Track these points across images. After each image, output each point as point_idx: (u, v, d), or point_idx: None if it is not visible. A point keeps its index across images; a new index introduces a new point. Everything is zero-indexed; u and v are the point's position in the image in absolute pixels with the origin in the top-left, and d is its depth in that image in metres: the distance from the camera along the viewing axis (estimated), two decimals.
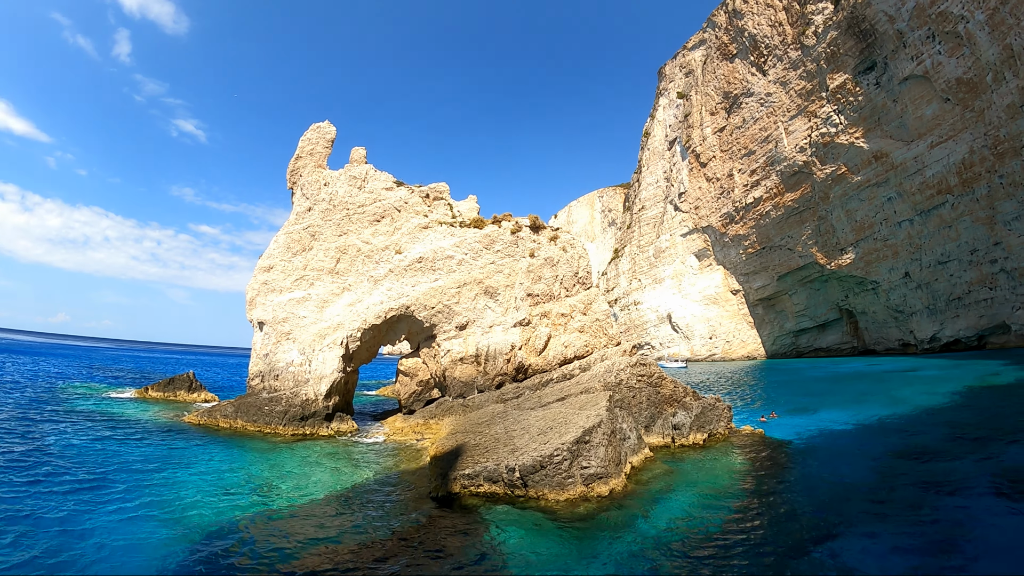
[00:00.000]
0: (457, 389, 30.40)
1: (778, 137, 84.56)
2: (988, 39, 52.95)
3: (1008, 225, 57.34)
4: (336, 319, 32.18)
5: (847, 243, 78.09)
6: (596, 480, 16.50)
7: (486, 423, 22.85)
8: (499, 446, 18.97)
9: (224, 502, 16.09)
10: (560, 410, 21.67)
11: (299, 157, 37.90)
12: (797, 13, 76.06)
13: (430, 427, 28.19)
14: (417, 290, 32.15)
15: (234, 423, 28.70)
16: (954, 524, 13.40)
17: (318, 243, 34.71)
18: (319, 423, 28.53)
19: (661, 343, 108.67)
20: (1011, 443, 20.61)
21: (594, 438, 17.53)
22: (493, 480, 16.87)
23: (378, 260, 33.70)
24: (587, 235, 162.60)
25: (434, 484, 17.43)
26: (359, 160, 37.55)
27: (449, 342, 31.23)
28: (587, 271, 34.59)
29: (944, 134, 61.65)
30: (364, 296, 32.81)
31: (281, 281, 34.01)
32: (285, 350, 31.75)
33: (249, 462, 21.44)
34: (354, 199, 35.43)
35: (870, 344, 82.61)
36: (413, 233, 34.12)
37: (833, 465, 20.11)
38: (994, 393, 33.40)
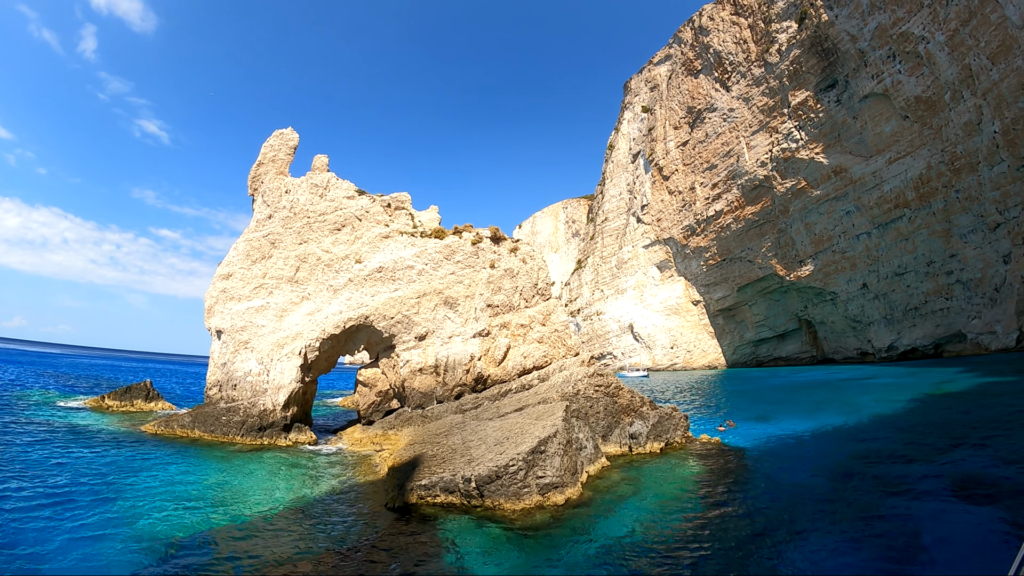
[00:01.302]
0: (416, 400, 30.05)
1: (740, 152, 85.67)
2: (948, 59, 54.51)
3: (964, 238, 58.94)
4: (295, 328, 31.66)
5: (806, 255, 79.32)
6: (552, 489, 16.54)
7: (444, 434, 22.81)
8: (456, 457, 18.99)
9: (180, 514, 15.82)
10: (517, 420, 21.65)
11: (261, 163, 37.19)
12: (762, 31, 77.40)
13: (389, 438, 28.00)
14: (377, 300, 31.79)
15: (191, 433, 28.23)
16: (907, 527, 13.59)
17: (278, 251, 34.15)
18: (277, 434, 28.18)
19: (623, 353, 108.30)
20: (963, 448, 20.95)
21: (549, 448, 17.60)
22: (449, 491, 16.83)
23: (338, 269, 33.29)
24: (551, 246, 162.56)
25: (391, 495, 17.36)
26: (321, 168, 37.12)
27: (408, 352, 30.87)
28: (547, 282, 34.42)
29: (902, 150, 63.21)
30: (323, 305, 32.40)
31: (240, 289, 33.46)
32: (243, 359, 31.23)
33: (205, 473, 21.09)
34: (315, 207, 34.99)
35: (829, 353, 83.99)
36: (374, 242, 33.78)
37: (789, 471, 20.26)
38: (948, 400, 33.78)
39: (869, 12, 60.90)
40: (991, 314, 56.72)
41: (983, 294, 57.63)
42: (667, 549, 13.14)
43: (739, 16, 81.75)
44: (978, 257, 57.63)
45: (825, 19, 66.06)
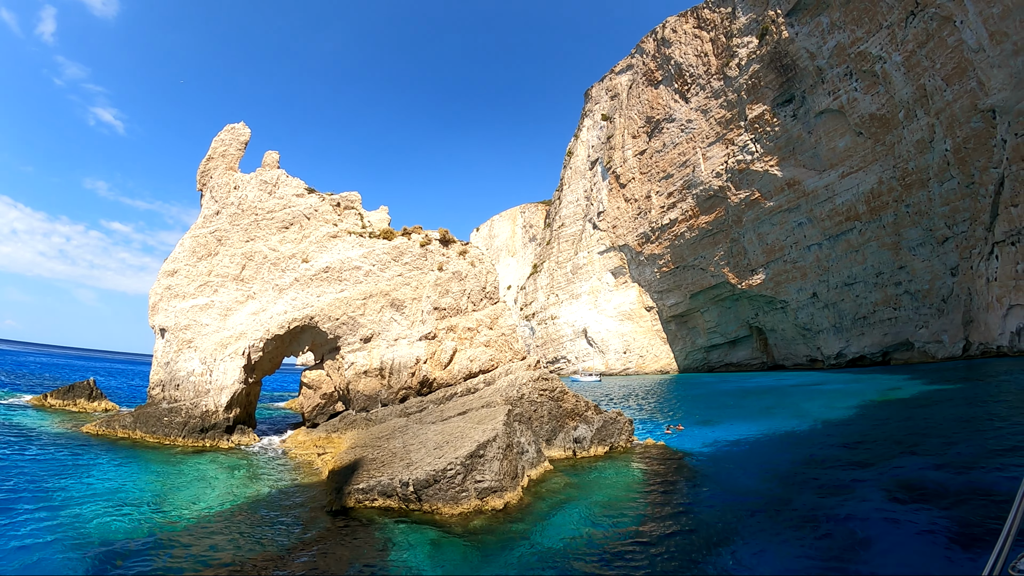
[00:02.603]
0: (361, 403, 29.39)
1: (696, 162, 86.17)
2: (903, 79, 55.82)
3: (913, 251, 60.57)
4: (239, 328, 30.72)
5: (758, 264, 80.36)
6: (490, 494, 16.29)
7: (386, 437, 22.48)
8: (395, 460, 18.76)
9: (118, 518, 15.38)
10: (459, 424, 21.43)
11: (211, 158, 36.06)
12: (723, 45, 78.00)
13: (332, 441, 27.28)
14: (322, 300, 31.06)
15: (133, 434, 27.33)
16: (848, 531, 13.55)
17: (224, 248, 33.18)
18: (219, 435, 27.41)
19: (577, 357, 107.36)
20: (906, 454, 20.99)
21: (488, 452, 17.38)
22: (387, 494, 16.62)
23: (284, 268, 32.40)
24: (508, 250, 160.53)
25: (329, 498, 17.14)
26: (272, 164, 36.02)
27: (353, 355, 30.19)
28: (495, 286, 33.91)
29: (855, 165, 64.58)
30: (268, 305, 31.53)
31: (185, 286, 32.43)
32: (186, 359, 30.27)
33: (146, 475, 20.53)
34: (264, 204, 34.06)
35: (779, 360, 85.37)
36: (321, 242, 33.02)
37: (733, 475, 20.15)
38: (894, 406, 33.85)
39: (829, 31, 61.93)
40: (938, 324, 58.41)
41: (930, 305, 59.31)
42: (605, 553, 12.95)
43: (702, 29, 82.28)
44: (926, 269, 59.28)
45: (786, 36, 66.91)
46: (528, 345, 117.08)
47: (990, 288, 50.93)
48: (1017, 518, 2.95)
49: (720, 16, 77.93)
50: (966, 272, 54.46)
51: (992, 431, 23.42)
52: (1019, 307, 48.01)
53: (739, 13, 74.21)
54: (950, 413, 28.85)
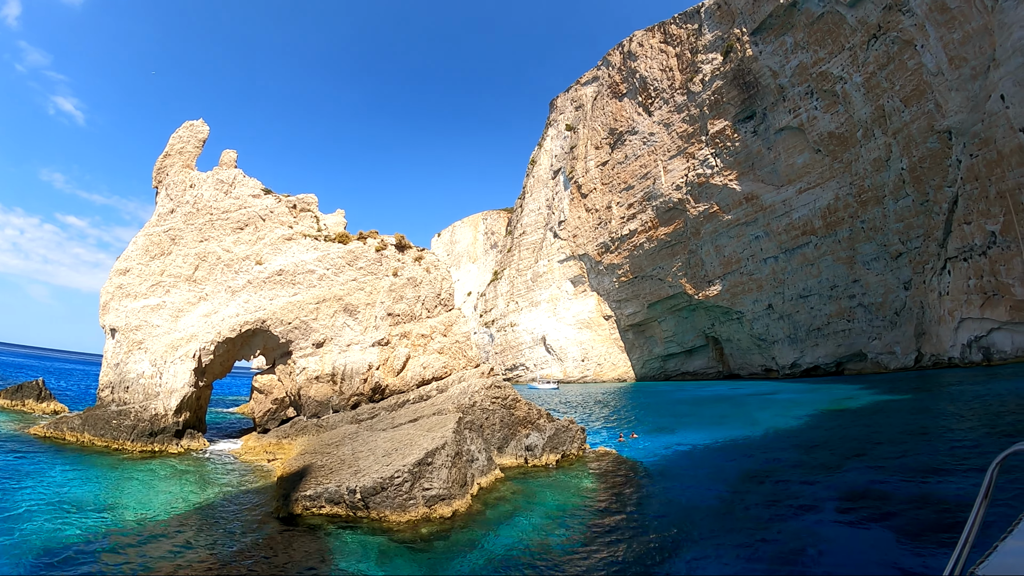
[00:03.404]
0: (312, 408, 28.72)
1: (657, 174, 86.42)
2: (863, 99, 56.98)
3: (867, 265, 61.77)
4: (190, 330, 29.89)
5: (715, 276, 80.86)
6: (439, 501, 16.15)
7: (336, 444, 22.24)
8: (344, 467, 18.56)
9: (64, 523, 15.11)
10: (409, 432, 21.19)
11: (168, 155, 35.08)
12: (688, 61, 78.50)
13: (283, 447, 26.73)
14: (275, 304, 30.35)
15: (82, 437, 26.38)
16: (799, 537, 13.58)
17: (178, 248, 32.35)
18: (169, 440, 26.65)
19: (535, 364, 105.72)
20: (856, 462, 21.05)
21: (437, 460, 17.22)
22: (335, 501, 16.37)
23: (238, 270, 31.64)
24: (469, 256, 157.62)
25: (277, 505, 16.87)
26: (229, 164, 35.24)
27: (305, 359, 29.54)
28: (450, 293, 33.55)
29: (812, 181, 65.65)
30: (220, 307, 30.71)
31: (137, 286, 31.37)
32: (136, 360, 29.22)
33: (93, 480, 19.97)
34: (219, 204, 33.30)
35: (734, 369, 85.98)
36: (276, 244, 32.31)
37: (685, 483, 20.02)
38: (845, 416, 33.97)
39: (792, 51, 62.86)
40: (891, 336, 59.58)
41: (883, 317, 60.50)
42: (554, 560, 12.80)
43: (668, 44, 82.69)
44: (880, 283, 60.49)
45: (750, 54, 67.65)
46: (487, 352, 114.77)
47: (942, 302, 52.11)
48: (976, 523, 3.07)
49: (687, 32, 78.50)
50: (919, 286, 55.71)
51: (942, 441, 23.50)
52: (970, 320, 49.18)
53: (705, 30, 74.83)
54: (901, 423, 28.97)
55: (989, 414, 29.19)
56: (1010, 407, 30.22)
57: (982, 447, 21.56)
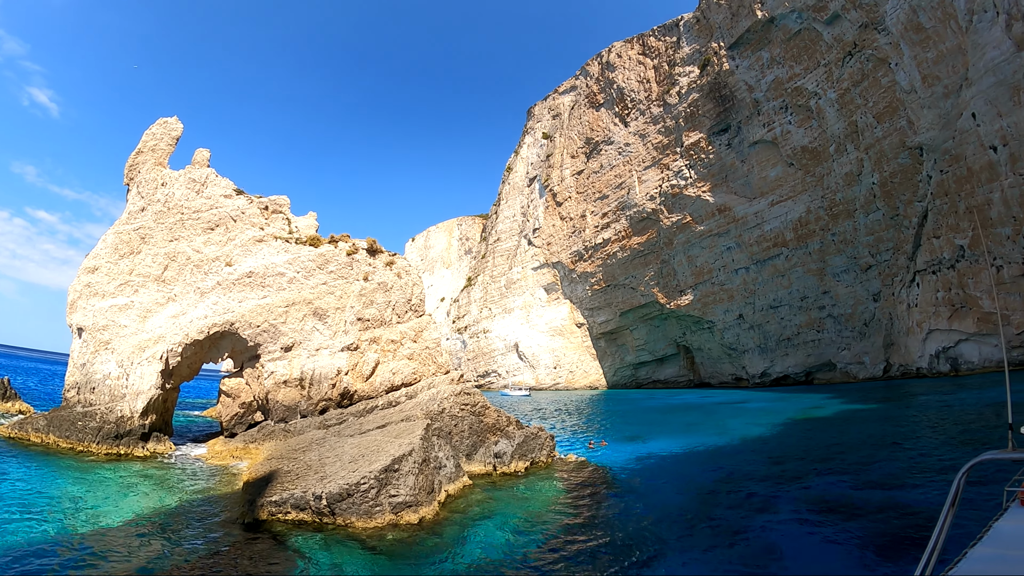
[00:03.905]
0: (280, 413, 28.05)
1: (631, 184, 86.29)
2: (836, 115, 57.59)
3: (837, 277, 62.31)
4: (158, 331, 29.11)
5: (687, 285, 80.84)
6: (405, 508, 15.99)
7: (303, 449, 21.85)
8: (310, 473, 18.22)
9: (25, 525, 14.85)
10: (376, 438, 20.90)
11: (140, 152, 34.22)
12: (665, 73, 78.66)
13: (250, 451, 26.16)
14: (244, 306, 29.65)
15: (47, 438, 25.88)
16: (767, 543, 13.57)
17: (147, 247, 31.59)
18: (135, 442, 25.95)
19: (508, 371, 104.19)
20: (826, 470, 21.07)
21: (403, 467, 17.03)
22: (300, 507, 16.11)
23: (207, 271, 31.04)
24: (443, 261, 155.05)
25: (242, 510, 16.48)
26: (202, 163, 34.61)
27: (273, 363, 28.81)
28: (420, 298, 33.16)
29: (785, 194, 66.10)
30: (189, 308, 30.05)
31: (105, 285, 30.49)
32: (103, 361, 28.44)
33: (57, 482, 19.53)
34: (190, 203, 32.70)
35: (705, 377, 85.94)
36: (246, 246, 31.72)
37: (654, 491, 19.89)
38: (814, 424, 34.17)
39: (768, 66, 63.34)
40: (860, 346, 60.08)
41: (853, 328, 61.01)
42: (521, 568, 12.69)
43: (646, 56, 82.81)
44: (849, 295, 61.03)
45: (726, 68, 67.99)
46: (459, 359, 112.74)
47: (911, 313, 52.68)
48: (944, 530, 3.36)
49: (665, 45, 78.73)
50: (888, 298, 56.30)
51: (910, 450, 23.48)
52: (938, 332, 49.75)
53: (683, 43, 75.12)
54: (869, 432, 29.03)
55: (956, 424, 29.19)
56: (977, 417, 29.98)
57: (949, 456, 21.57)
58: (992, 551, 3.91)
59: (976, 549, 3.94)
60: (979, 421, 28.62)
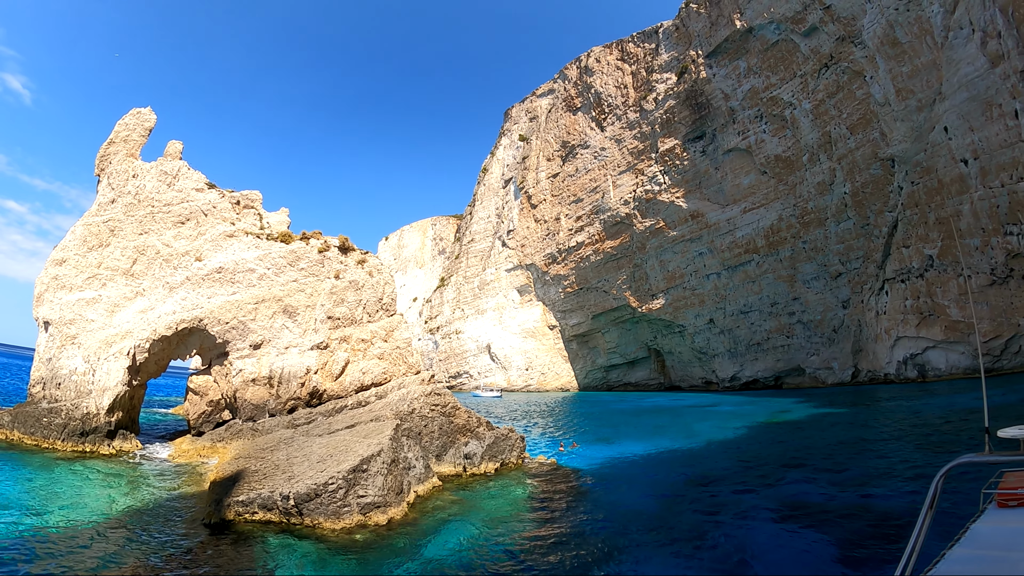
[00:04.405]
0: (248, 412, 27.28)
1: (606, 189, 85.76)
2: (811, 125, 57.85)
3: (807, 284, 62.66)
4: (125, 326, 28.27)
5: (658, 290, 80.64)
6: (374, 509, 15.68)
7: (271, 448, 21.44)
8: (278, 473, 17.81)
9: None
10: (345, 438, 20.57)
11: (112, 142, 33.21)
12: (643, 79, 78.23)
13: (217, 450, 25.57)
14: (213, 302, 29.00)
15: (11, 434, 25.48)
16: (735, 546, 13.43)
17: (116, 240, 30.64)
18: (100, 440, 25.33)
19: (480, 372, 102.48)
20: (793, 473, 21.00)
21: (372, 467, 16.70)
22: (268, 508, 15.70)
23: (176, 265, 30.27)
24: (416, 261, 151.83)
25: (208, 511, 16.02)
26: (174, 155, 33.81)
27: (242, 361, 28.14)
28: (392, 298, 32.47)
29: (757, 201, 66.23)
30: (157, 303, 29.28)
31: (73, 278, 29.57)
32: (69, 356, 27.57)
33: (20, 480, 19.00)
34: (161, 196, 31.88)
35: (676, 381, 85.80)
36: (217, 240, 31.04)
37: (623, 493, 19.69)
38: (782, 428, 34.06)
39: (745, 75, 63.34)
40: (828, 352, 60.49)
41: (822, 334, 61.41)
42: (490, 569, 12.45)
43: (624, 62, 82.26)
44: (819, 301, 61.41)
45: (704, 76, 67.84)
46: (431, 359, 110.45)
47: (879, 321, 53.15)
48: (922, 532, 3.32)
49: (643, 51, 78.30)
50: (857, 305, 56.76)
51: (878, 453, 23.46)
52: (906, 339, 50.23)
53: (662, 50, 74.79)
54: (838, 435, 29.05)
55: (924, 428, 29.26)
56: (945, 422, 30.17)
57: (916, 460, 21.53)
58: (970, 552, 3.98)
59: (954, 550, 4.00)
60: (947, 426, 29.05)
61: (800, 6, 53.90)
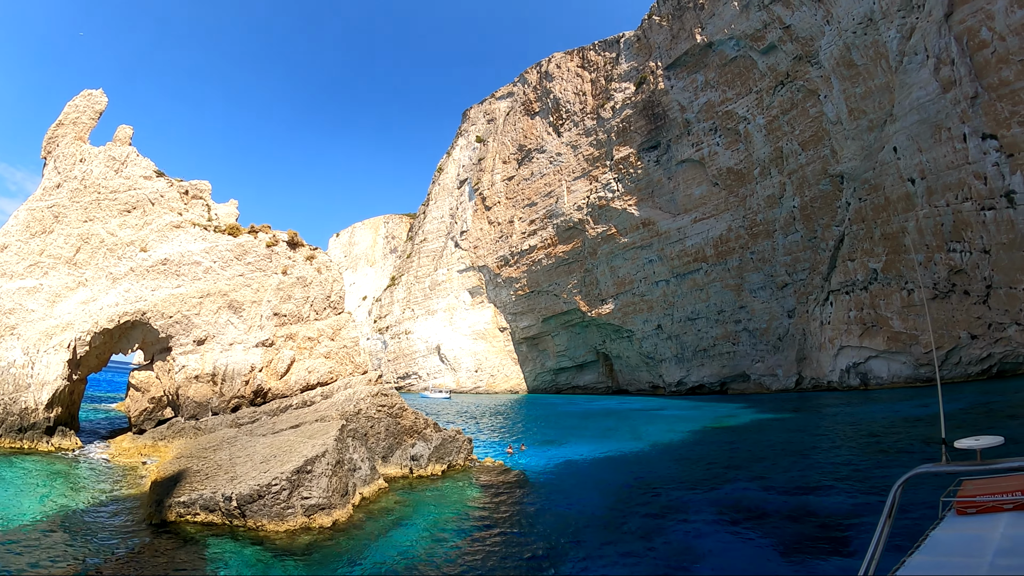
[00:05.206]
0: (190, 409, 26.22)
1: (560, 194, 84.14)
2: (764, 140, 57.96)
3: (754, 293, 62.86)
4: (67, 317, 26.87)
5: (608, 295, 79.62)
6: (318, 511, 15.06)
7: (213, 448, 20.68)
8: (220, 473, 17.00)
9: None
10: (289, 438, 19.98)
11: (61, 124, 31.86)
12: (602, 87, 76.97)
13: (159, 449, 24.50)
14: (157, 295, 27.82)
15: None
16: (681, 547, 13.38)
17: (60, 226, 29.23)
18: (39, 437, 24.25)
19: (429, 373, 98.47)
20: (736, 477, 20.92)
21: (317, 468, 16.06)
22: (210, 509, 14.81)
23: (121, 255, 28.88)
24: (367, 259, 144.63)
25: (149, 511, 15.24)
26: (124, 140, 32.32)
27: (185, 357, 27.01)
28: (340, 296, 31.38)
29: (708, 212, 66.06)
30: (100, 295, 27.86)
31: (14, 265, 28.18)
32: (7, 348, 25.97)
33: None
34: (109, 182, 30.43)
35: (623, 385, 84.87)
36: (163, 231, 29.80)
37: (570, 495, 19.47)
38: (728, 432, 34.02)
39: (702, 88, 63.01)
40: (773, 359, 60.78)
41: (767, 342, 61.68)
42: (435, 571, 12.07)
43: (584, 70, 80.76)
44: (765, 310, 61.68)
45: (661, 87, 67.17)
46: (380, 359, 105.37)
47: (823, 330, 53.62)
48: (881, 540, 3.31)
49: (604, 60, 77.04)
50: (802, 315, 57.20)
51: (821, 458, 23.38)
52: (849, 348, 50.76)
53: (622, 60, 73.71)
54: (781, 440, 28.98)
55: (867, 435, 29.09)
56: (885, 429, 30.24)
57: (860, 465, 21.53)
58: (929, 559, 3.96)
59: (914, 557, 4.00)
60: (887, 433, 29.10)
61: (761, 24, 53.80)
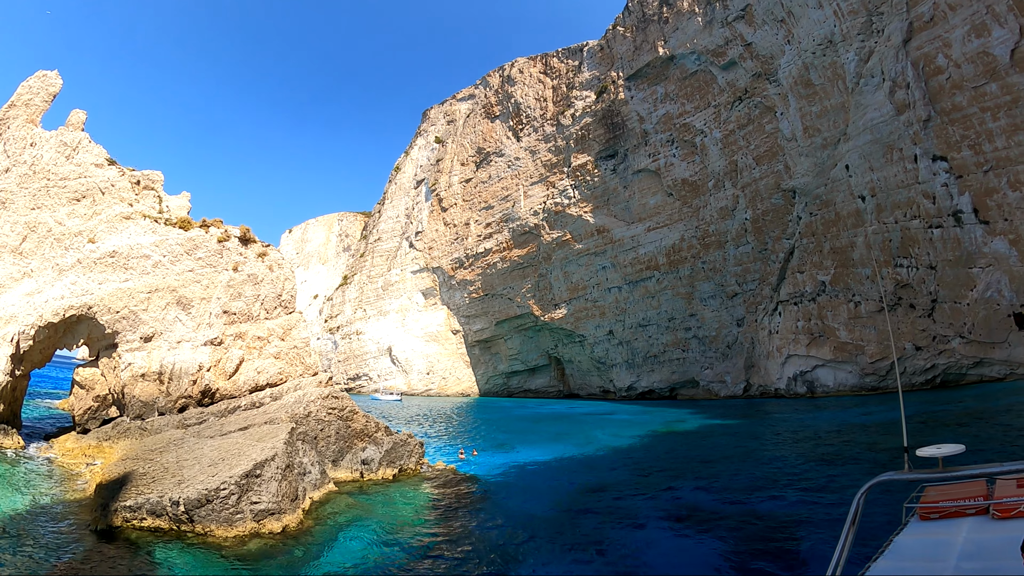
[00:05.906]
0: (136, 409, 24.70)
1: (517, 198, 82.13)
2: (719, 153, 57.71)
3: (704, 302, 62.56)
4: (10, 310, 24.60)
5: (561, 300, 78.13)
6: (268, 516, 14.25)
7: (160, 450, 19.32)
8: (167, 476, 15.93)
9: None
10: (238, 441, 18.94)
11: (13, 105, 30.19)
12: (563, 94, 75.34)
13: (104, 450, 23.02)
14: (104, 289, 26.08)
15: None
16: (632, 550, 13.13)
17: (7, 213, 27.40)
18: None
19: (380, 375, 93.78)
20: (685, 481, 20.71)
21: (266, 472, 15.15)
22: (157, 514, 14.05)
23: (68, 246, 27.14)
24: (320, 257, 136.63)
25: (94, 516, 14.29)
26: (76, 125, 30.58)
27: (132, 354, 25.47)
28: (291, 295, 30.24)
29: (661, 221, 65.49)
30: (45, 287, 25.99)
31: None
32: None
33: None
34: (59, 169, 28.67)
35: (575, 389, 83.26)
36: (113, 222, 28.08)
37: (522, 499, 19.06)
38: (677, 437, 33.77)
39: (662, 100, 62.33)
40: (722, 366, 60.53)
41: (716, 349, 61.41)
42: None
43: (547, 76, 78.86)
44: (715, 319, 61.44)
45: (622, 97, 66.15)
46: (330, 360, 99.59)
47: (772, 339, 53.61)
48: (846, 547, 3.18)
49: (567, 67, 75.41)
50: (751, 324, 57.15)
51: (768, 463, 23.12)
52: (796, 357, 50.84)
53: (584, 68, 72.31)
54: (730, 445, 28.72)
55: (813, 441, 28.90)
56: (831, 435, 30.03)
57: (805, 470, 21.29)
58: (894, 563, 3.90)
59: (879, 562, 3.93)
60: (833, 439, 28.36)
61: (723, 40, 53.42)
